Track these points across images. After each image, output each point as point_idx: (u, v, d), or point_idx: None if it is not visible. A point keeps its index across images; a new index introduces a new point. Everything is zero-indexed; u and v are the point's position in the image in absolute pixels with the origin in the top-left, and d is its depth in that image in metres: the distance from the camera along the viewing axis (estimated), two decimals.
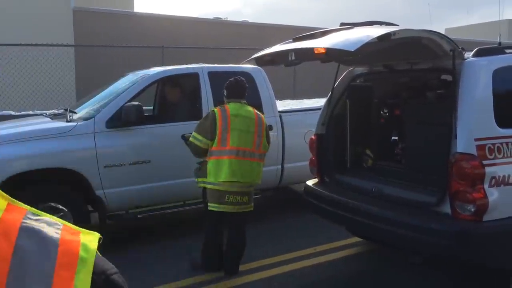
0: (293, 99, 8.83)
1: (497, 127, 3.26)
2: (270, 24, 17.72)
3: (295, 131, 5.89)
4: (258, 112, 4.25)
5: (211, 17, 18.08)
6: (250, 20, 18.19)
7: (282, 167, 5.88)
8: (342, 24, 3.70)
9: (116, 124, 4.83)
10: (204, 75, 5.46)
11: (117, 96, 5.06)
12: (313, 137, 4.58)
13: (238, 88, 4.21)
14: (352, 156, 4.57)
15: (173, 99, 5.61)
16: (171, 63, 6.87)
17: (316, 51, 3.34)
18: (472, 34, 24.85)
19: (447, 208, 3.25)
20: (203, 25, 16.01)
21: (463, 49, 3.51)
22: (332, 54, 3.29)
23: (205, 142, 4.06)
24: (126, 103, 4.89)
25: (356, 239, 5.03)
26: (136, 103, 4.92)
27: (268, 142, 4.30)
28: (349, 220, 3.96)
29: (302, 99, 8.37)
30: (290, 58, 3.62)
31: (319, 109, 4.75)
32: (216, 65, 5.85)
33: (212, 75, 5.45)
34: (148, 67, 5.94)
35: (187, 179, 4.84)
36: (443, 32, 3.74)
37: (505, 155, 3.23)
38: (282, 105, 6.65)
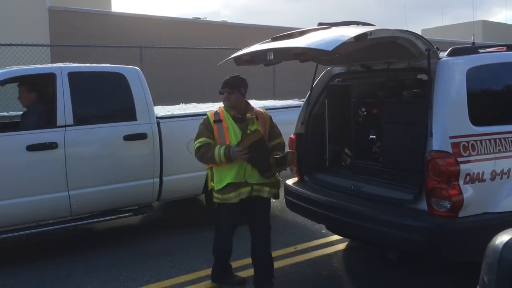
0: (273, 99, 8.73)
1: (471, 125, 3.33)
2: (249, 24, 17.67)
3: (176, 140, 5.23)
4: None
5: (190, 17, 17.95)
6: (229, 21, 18.14)
7: (161, 180, 5.18)
8: (320, 24, 3.72)
9: None
10: (63, 76, 4.76)
11: None
12: (292, 136, 4.61)
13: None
14: (331, 154, 4.61)
15: (24, 104, 4.92)
16: (149, 63, 6.82)
17: (294, 51, 3.35)
18: (447, 35, 25.33)
19: (423, 205, 3.32)
20: (181, 25, 15.88)
21: (438, 49, 3.58)
22: (310, 54, 3.32)
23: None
24: None
25: (336, 237, 5.07)
26: None
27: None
28: (328, 218, 4.00)
29: (283, 99, 8.23)
30: (269, 58, 3.63)
31: (203, 114, 4.21)
32: (80, 65, 5.23)
33: (73, 76, 4.81)
34: None
35: (36, 197, 4.39)
36: (419, 32, 3.80)
37: (479, 153, 3.31)
38: (178, 109, 6.06)
